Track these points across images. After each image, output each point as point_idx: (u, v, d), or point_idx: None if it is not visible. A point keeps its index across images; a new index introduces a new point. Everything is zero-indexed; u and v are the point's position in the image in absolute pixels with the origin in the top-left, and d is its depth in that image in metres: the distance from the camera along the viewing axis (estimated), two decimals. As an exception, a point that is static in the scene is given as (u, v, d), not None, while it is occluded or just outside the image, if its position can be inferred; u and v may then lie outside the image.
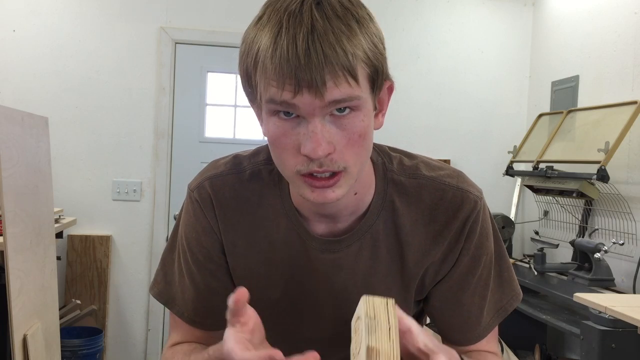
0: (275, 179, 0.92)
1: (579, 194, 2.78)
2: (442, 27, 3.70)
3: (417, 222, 0.90)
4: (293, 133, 0.75)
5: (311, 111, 0.72)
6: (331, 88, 0.70)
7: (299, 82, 0.70)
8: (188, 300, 0.97)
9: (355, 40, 0.71)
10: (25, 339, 2.10)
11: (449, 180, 0.91)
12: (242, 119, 3.57)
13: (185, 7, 3.45)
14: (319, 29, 0.70)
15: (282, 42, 0.70)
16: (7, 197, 2.05)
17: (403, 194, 0.90)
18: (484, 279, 0.93)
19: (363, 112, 0.75)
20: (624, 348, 2.10)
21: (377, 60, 0.75)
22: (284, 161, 0.77)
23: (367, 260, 0.91)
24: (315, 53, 0.69)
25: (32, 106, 3.15)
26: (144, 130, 3.43)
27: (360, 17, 0.74)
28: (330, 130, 0.74)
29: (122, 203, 3.42)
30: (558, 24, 3.46)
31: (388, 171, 0.91)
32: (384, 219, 0.90)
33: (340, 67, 0.70)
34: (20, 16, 3.31)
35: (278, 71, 0.70)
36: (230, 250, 0.94)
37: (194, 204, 0.94)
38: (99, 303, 3.33)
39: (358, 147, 0.76)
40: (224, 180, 0.93)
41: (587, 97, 3.11)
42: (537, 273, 2.83)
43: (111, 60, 3.39)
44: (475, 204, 0.90)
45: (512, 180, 3.64)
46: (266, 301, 0.95)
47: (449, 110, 3.70)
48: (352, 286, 0.92)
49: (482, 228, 0.91)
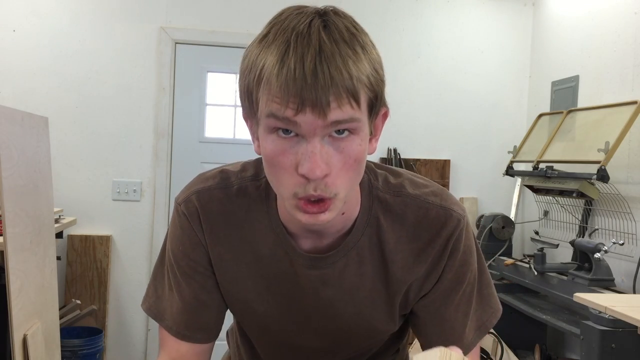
0: (263, 195, 0.93)
1: (579, 194, 2.78)
2: (442, 27, 3.70)
3: (400, 239, 0.91)
4: (291, 152, 0.75)
5: (312, 131, 0.73)
6: (334, 109, 0.71)
7: (303, 101, 0.70)
8: (176, 314, 0.97)
9: (360, 65, 0.73)
10: (25, 339, 2.10)
11: (433, 198, 0.92)
12: (242, 119, 3.56)
13: (185, 7, 3.45)
14: (326, 51, 0.71)
15: (289, 61, 0.71)
16: (7, 197, 2.05)
17: (387, 212, 0.92)
18: (467, 295, 0.95)
19: (360, 137, 0.76)
20: (624, 348, 2.10)
21: (378, 86, 0.76)
22: (281, 181, 0.78)
23: (353, 276, 0.92)
24: (322, 74, 0.70)
25: (32, 106, 3.15)
26: (144, 130, 3.43)
27: (364, 43, 0.76)
28: (329, 152, 0.75)
29: (122, 203, 3.42)
30: (558, 24, 3.46)
31: (374, 188, 0.92)
32: (369, 236, 0.91)
33: (345, 89, 0.71)
34: (20, 16, 3.31)
35: (283, 88, 0.71)
36: (218, 263, 0.95)
37: (181, 217, 0.95)
38: (99, 303, 3.33)
39: (352, 172, 0.78)
40: (211, 194, 0.93)
41: (587, 97, 3.11)
42: (537, 273, 2.83)
43: (111, 60, 3.39)
44: (459, 222, 0.91)
45: (512, 180, 3.64)
46: (253, 314, 0.97)
47: (449, 110, 3.70)
48: (339, 300, 0.94)
49: (465, 246, 0.93)
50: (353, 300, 0.94)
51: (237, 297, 0.97)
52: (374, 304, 0.94)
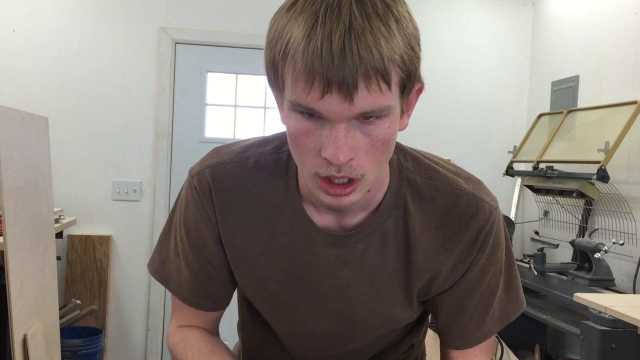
0: (282, 169, 0.89)
1: (579, 194, 2.78)
2: (442, 27, 3.70)
3: (427, 225, 0.87)
4: (315, 134, 0.72)
5: (337, 115, 0.69)
6: (362, 92, 0.67)
7: (329, 82, 0.66)
8: (183, 282, 0.96)
9: (393, 43, 0.68)
10: (25, 339, 2.10)
11: (466, 186, 0.88)
12: (242, 119, 3.57)
13: (185, 7, 3.45)
14: (357, 28, 0.66)
15: (316, 38, 0.66)
16: (7, 197, 2.05)
17: (416, 194, 0.88)
18: (491, 288, 0.92)
19: (390, 119, 0.72)
20: (624, 348, 2.10)
21: (412, 64, 0.71)
22: (304, 160, 0.75)
23: (374, 259, 0.88)
24: (351, 54, 0.65)
25: (32, 106, 3.15)
26: (144, 130, 3.43)
27: (400, 15, 0.70)
28: (355, 136, 0.71)
29: (122, 203, 3.42)
30: (558, 24, 3.46)
31: (403, 169, 0.88)
32: (395, 218, 0.87)
33: (375, 71, 0.67)
34: (20, 16, 3.30)
35: (309, 67, 0.66)
36: (229, 241, 0.92)
37: (193, 191, 0.92)
38: (99, 303, 3.33)
39: (379, 155, 0.74)
40: (226, 168, 0.90)
41: (587, 97, 3.11)
42: (537, 273, 2.83)
43: (111, 60, 3.39)
44: (490, 214, 0.87)
45: (512, 180, 3.64)
46: (265, 292, 0.94)
47: (449, 110, 3.70)
48: (356, 283, 0.90)
49: (495, 239, 0.89)
50: (372, 283, 0.89)
51: (249, 275, 0.93)
52: (392, 289, 0.90)
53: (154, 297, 3.44)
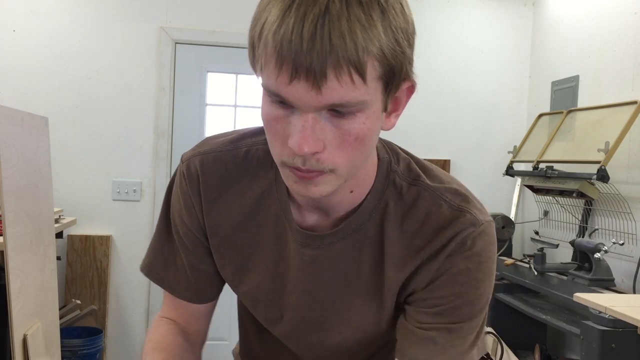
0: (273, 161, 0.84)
1: (579, 194, 2.78)
2: (442, 27, 3.70)
3: (404, 234, 0.81)
4: (285, 121, 0.68)
5: (305, 104, 0.64)
6: (331, 82, 0.62)
7: (296, 68, 0.62)
8: (170, 269, 0.94)
9: (372, 33, 0.62)
10: (25, 339, 2.10)
11: (451, 196, 0.81)
12: (242, 119, 3.57)
13: (185, 7, 3.45)
14: (332, 13, 0.61)
15: (288, 20, 0.62)
16: (7, 197, 2.05)
17: (399, 200, 0.82)
18: (466, 329, 0.82)
19: (366, 115, 0.67)
20: (624, 348, 2.10)
21: (395, 59, 0.65)
22: (273, 147, 0.72)
23: (350, 264, 0.83)
24: (321, 40, 0.60)
25: (32, 106, 3.15)
26: (144, 130, 3.43)
27: (388, 6, 0.64)
28: (324, 128, 0.66)
29: (122, 203, 3.42)
30: (558, 24, 3.45)
31: (392, 171, 0.83)
32: (375, 222, 0.82)
33: (346, 60, 0.61)
34: (20, 16, 3.30)
35: (278, 50, 0.62)
36: (214, 230, 0.89)
37: (181, 177, 0.90)
38: (99, 303, 3.33)
39: (353, 151, 0.68)
40: (217, 156, 0.87)
41: (587, 97, 3.11)
42: (537, 273, 2.83)
43: (111, 60, 3.39)
44: (470, 225, 0.79)
45: (512, 180, 3.64)
46: (247, 284, 0.91)
47: (449, 110, 3.70)
48: (331, 286, 0.85)
49: (474, 254, 0.79)
50: (346, 289, 0.84)
51: (233, 267, 0.90)
52: (368, 298, 0.85)
53: (154, 297, 3.44)
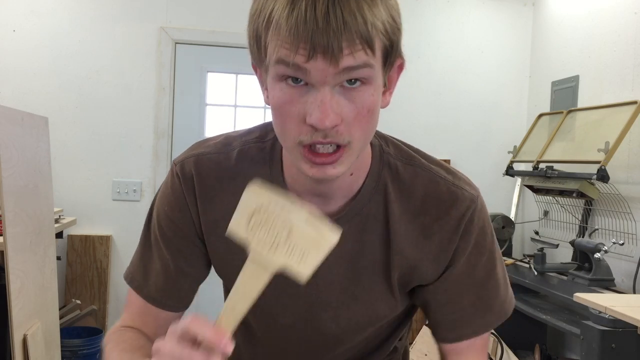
0: (267, 157, 0.89)
1: (579, 194, 2.78)
2: (442, 27, 3.70)
3: (407, 211, 0.87)
4: (300, 101, 0.72)
5: (322, 78, 0.69)
6: (347, 55, 0.68)
7: (314, 47, 0.67)
8: (151, 277, 0.94)
9: (376, 10, 0.69)
10: (25, 339, 2.10)
11: (445, 174, 0.89)
12: (242, 119, 3.57)
13: (185, 7, 3.45)
14: None
15: (300, 4, 0.67)
16: (7, 197, 2.05)
17: (396, 180, 0.88)
18: (481, 280, 0.91)
19: (374, 87, 0.73)
20: (624, 348, 2.10)
21: (394, 34, 0.73)
22: (287, 130, 0.74)
23: (354, 244, 0.88)
24: (335, 18, 0.66)
25: (32, 106, 3.15)
26: (144, 130, 3.43)
27: None
28: (340, 102, 0.71)
29: (122, 203, 3.42)
30: (558, 24, 3.46)
31: (384, 153, 0.89)
32: (375, 203, 0.87)
33: (359, 35, 0.68)
34: (20, 16, 3.31)
35: (293, 32, 0.67)
36: (211, 230, 0.91)
37: (174, 178, 0.91)
38: (99, 303, 3.33)
39: (365, 123, 0.74)
40: (210, 158, 0.90)
41: (587, 97, 3.11)
42: (537, 273, 2.83)
43: (111, 60, 3.39)
44: (471, 202, 0.88)
45: (512, 180, 3.64)
46: None
47: (449, 110, 3.70)
48: (338, 267, 0.88)
49: (479, 228, 0.88)
50: (352, 270, 0.89)
51: (231, 266, 0.89)
52: (374, 275, 0.89)
53: (154, 297, 3.44)
